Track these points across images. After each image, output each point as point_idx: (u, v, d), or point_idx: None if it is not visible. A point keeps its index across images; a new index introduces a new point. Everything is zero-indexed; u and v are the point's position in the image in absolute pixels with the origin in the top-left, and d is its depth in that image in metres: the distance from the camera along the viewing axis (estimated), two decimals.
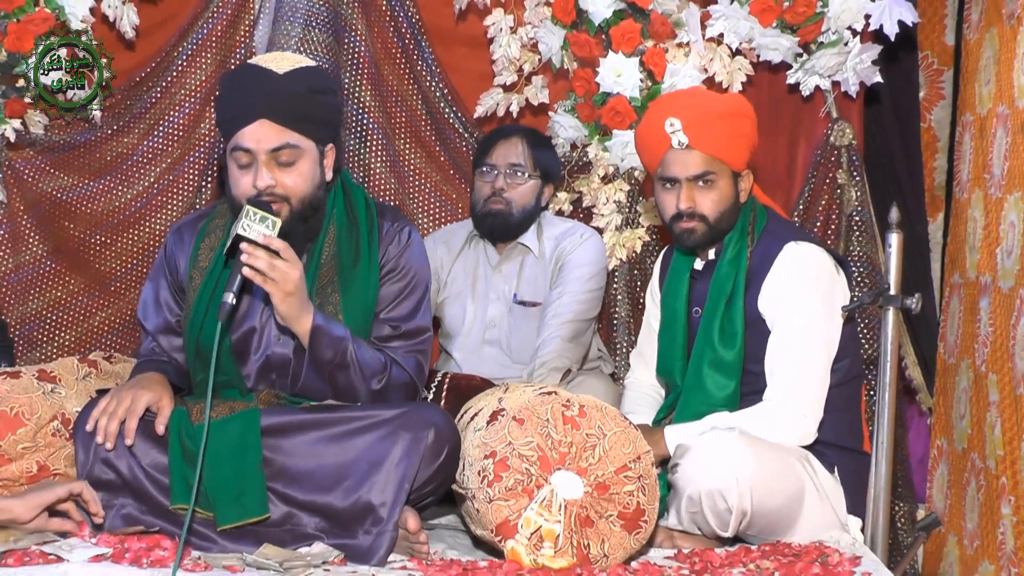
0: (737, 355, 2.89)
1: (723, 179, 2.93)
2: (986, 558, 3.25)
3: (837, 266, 2.97)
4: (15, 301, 3.88)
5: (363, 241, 2.76)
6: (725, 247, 2.97)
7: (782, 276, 2.88)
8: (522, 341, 3.54)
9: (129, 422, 2.55)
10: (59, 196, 3.90)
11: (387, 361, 2.70)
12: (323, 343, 2.60)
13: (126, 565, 2.32)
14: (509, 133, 3.63)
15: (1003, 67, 3.32)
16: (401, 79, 3.97)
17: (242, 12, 3.92)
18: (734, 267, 2.93)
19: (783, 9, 3.54)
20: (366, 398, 2.67)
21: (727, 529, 2.67)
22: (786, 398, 2.83)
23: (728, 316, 2.91)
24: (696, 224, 2.93)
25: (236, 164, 2.64)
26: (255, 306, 2.73)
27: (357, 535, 2.53)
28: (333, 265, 2.73)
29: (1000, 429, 3.18)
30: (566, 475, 2.45)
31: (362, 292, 2.73)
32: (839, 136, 3.65)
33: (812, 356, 2.85)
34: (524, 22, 3.80)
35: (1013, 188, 3.20)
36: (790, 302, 2.87)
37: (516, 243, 3.61)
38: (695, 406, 2.91)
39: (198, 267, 2.75)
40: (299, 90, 2.63)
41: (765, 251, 2.93)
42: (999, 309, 3.25)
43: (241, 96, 2.64)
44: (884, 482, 2.85)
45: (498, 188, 3.54)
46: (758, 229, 2.98)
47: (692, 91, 3.31)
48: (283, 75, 2.63)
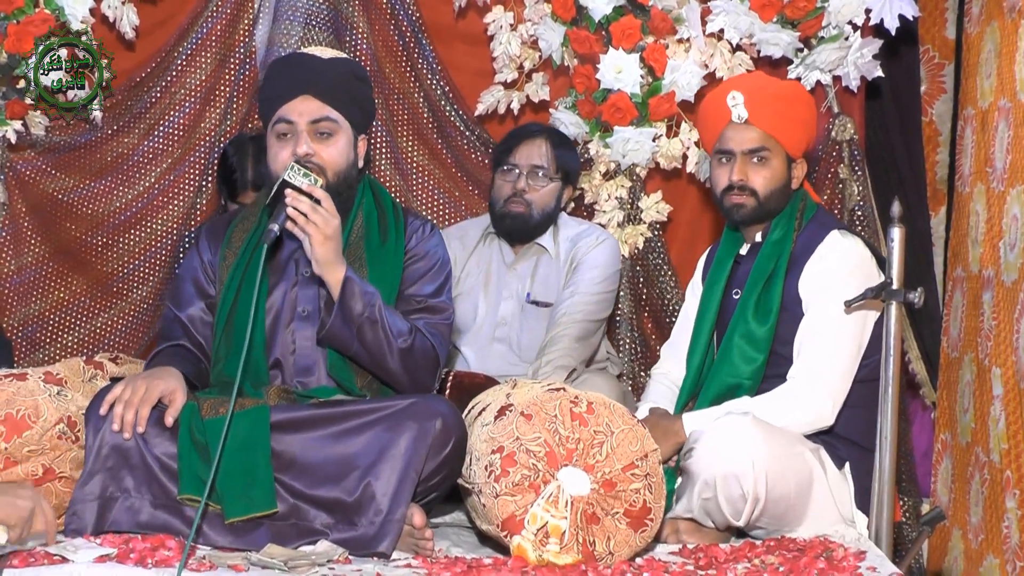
0: (768, 331, 2.94)
1: (777, 159, 3.02)
2: (991, 552, 3.25)
3: (878, 266, 2.99)
4: (18, 303, 3.90)
5: (391, 227, 2.89)
6: (772, 229, 3.04)
7: (824, 262, 2.95)
8: (532, 340, 3.54)
9: (142, 410, 2.56)
10: (60, 197, 3.91)
11: (412, 327, 2.76)
12: (355, 294, 2.68)
13: (131, 565, 2.31)
14: (533, 133, 3.61)
15: (1004, 61, 3.34)
16: (402, 77, 3.98)
17: (241, 11, 3.93)
18: (778, 249, 3.00)
19: (783, 4, 3.58)
20: (395, 358, 2.72)
21: (739, 517, 2.69)
22: (809, 377, 2.87)
23: (766, 294, 2.98)
24: (746, 199, 3.02)
25: (276, 137, 2.79)
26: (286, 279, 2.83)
27: (362, 524, 2.54)
28: (361, 244, 2.84)
29: (1004, 423, 3.18)
30: (573, 471, 2.45)
31: (389, 269, 2.83)
32: (840, 131, 3.68)
33: (841, 343, 2.90)
34: (524, 19, 3.82)
35: (1015, 182, 3.21)
36: (828, 288, 2.91)
37: (533, 243, 3.62)
38: (722, 377, 2.97)
39: (231, 247, 2.86)
40: (341, 72, 2.82)
41: (810, 237, 3.00)
42: (1002, 303, 3.26)
43: (287, 75, 2.82)
44: (888, 477, 2.83)
45: (519, 189, 3.53)
46: (806, 217, 3.05)
47: (756, 73, 3.44)
48: (327, 59, 2.85)
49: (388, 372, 2.76)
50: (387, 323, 2.71)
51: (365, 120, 2.90)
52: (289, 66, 2.87)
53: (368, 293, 2.70)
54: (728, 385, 2.96)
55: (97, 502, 2.54)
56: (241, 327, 2.68)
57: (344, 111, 2.80)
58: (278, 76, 2.86)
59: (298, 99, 2.77)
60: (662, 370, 3.31)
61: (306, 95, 2.77)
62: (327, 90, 2.78)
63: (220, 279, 2.86)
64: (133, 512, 2.55)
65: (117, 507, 2.54)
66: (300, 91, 2.77)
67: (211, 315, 2.86)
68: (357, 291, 2.69)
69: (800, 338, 2.93)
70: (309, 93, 2.77)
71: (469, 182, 3.98)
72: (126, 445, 2.55)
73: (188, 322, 2.86)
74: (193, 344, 2.85)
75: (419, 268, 2.87)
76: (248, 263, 2.80)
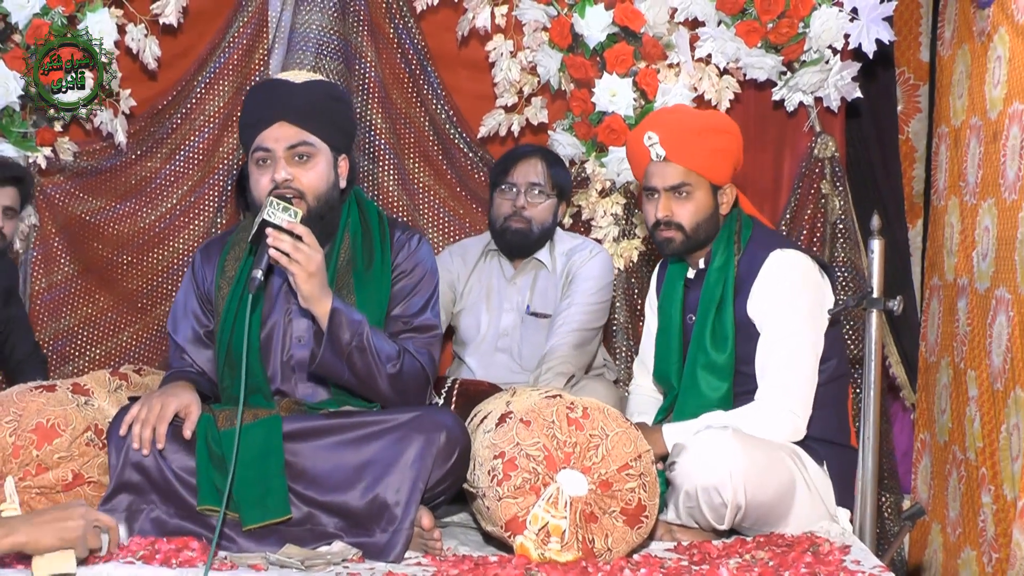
0: (728, 358, 2.94)
1: (700, 191, 2.98)
2: (968, 544, 3.29)
3: (821, 271, 3.01)
4: (48, 318, 3.95)
5: (376, 247, 2.84)
6: (713, 256, 3.01)
7: (769, 282, 2.93)
8: (532, 349, 3.57)
9: (159, 427, 2.58)
10: (88, 218, 3.98)
11: (400, 350, 2.73)
12: (342, 324, 2.63)
13: (156, 566, 2.36)
14: (528, 153, 3.61)
15: (975, 81, 3.39)
16: (409, 102, 4.03)
17: (257, 42, 3.98)
18: (722, 275, 2.98)
19: (767, 30, 3.59)
20: (384, 382, 2.70)
21: (723, 522, 2.72)
22: (776, 397, 2.87)
23: (719, 321, 2.96)
24: (674, 233, 3.00)
25: (255, 164, 2.74)
26: (278, 308, 2.81)
27: (374, 533, 2.55)
28: (349, 269, 2.81)
29: (979, 423, 3.22)
30: (571, 474, 2.48)
31: (376, 293, 2.80)
32: (822, 149, 3.72)
33: (800, 357, 2.90)
34: (523, 47, 3.85)
35: (987, 195, 3.26)
36: (778, 306, 2.91)
37: (531, 258, 3.63)
38: (691, 407, 2.96)
39: (225, 277, 2.83)
40: (315, 96, 2.77)
41: (752, 259, 2.97)
42: (976, 309, 3.31)
43: (263, 103, 2.77)
44: (871, 475, 2.88)
45: (519, 207, 3.55)
46: (744, 238, 3.02)
47: (675, 108, 3.31)
48: (300, 84, 2.78)
49: (379, 395, 2.74)
50: (375, 350, 2.67)
51: (345, 140, 2.84)
52: (264, 93, 2.81)
53: (355, 322, 2.65)
54: (699, 414, 2.93)
55: (124, 514, 2.58)
56: (239, 360, 2.63)
57: (321, 134, 2.74)
58: (254, 103, 2.80)
59: (275, 126, 2.72)
60: (636, 383, 3.34)
61: (282, 121, 2.71)
62: (302, 115, 2.72)
63: (216, 310, 2.84)
64: (158, 523, 2.59)
65: (142, 519, 2.59)
66: (276, 118, 2.72)
67: (211, 341, 2.85)
68: (344, 321, 2.64)
69: (761, 360, 2.92)
70: (285, 119, 2.72)
71: (472, 200, 4.02)
72: (146, 463, 2.59)
73: (188, 351, 2.87)
74: (197, 370, 2.87)
75: (406, 285, 2.84)
76: (240, 300, 2.75)
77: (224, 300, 2.81)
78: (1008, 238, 3.08)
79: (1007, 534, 2.99)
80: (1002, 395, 3.08)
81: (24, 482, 2.58)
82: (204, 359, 2.87)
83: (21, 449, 2.58)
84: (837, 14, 3.58)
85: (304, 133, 2.73)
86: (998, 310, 3.13)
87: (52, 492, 2.60)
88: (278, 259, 2.59)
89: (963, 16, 3.51)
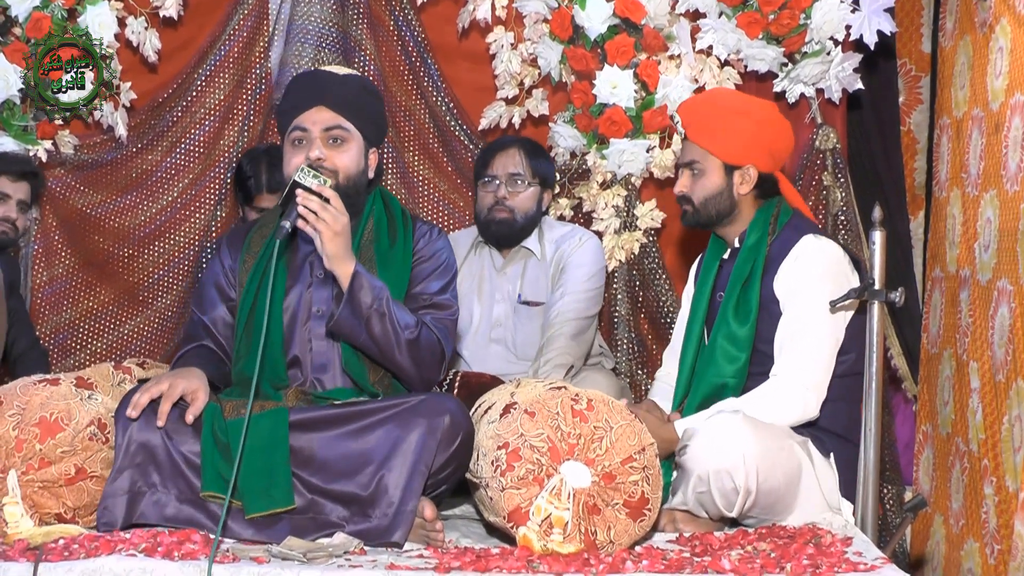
0: (749, 331, 2.99)
1: (711, 168, 3.09)
2: (971, 536, 3.29)
3: (852, 266, 3.04)
4: (50, 312, 3.96)
5: (399, 231, 2.95)
6: (748, 234, 3.09)
7: (798, 263, 2.99)
8: (526, 338, 3.60)
9: (163, 405, 2.62)
10: (89, 212, 3.98)
11: (418, 320, 2.81)
12: (363, 287, 2.72)
13: (159, 559, 2.36)
14: (506, 144, 3.67)
15: (977, 72, 3.38)
16: (409, 94, 4.03)
17: (257, 35, 3.99)
18: (754, 253, 3.05)
19: (768, 22, 3.60)
20: (402, 349, 2.77)
21: (732, 509, 2.74)
22: (792, 373, 2.92)
23: (744, 296, 3.02)
24: (686, 206, 3.15)
25: (291, 144, 2.86)
26: (301, 280, 2.89)
27: (376, 516, 2.58)
28: (371, 248, 2.90)
29: (982, 414, 3.22)
30: (575, 465, 2.49)
31: (397, 270, 2.88)
32: (824, 140, 3.71)
33: (819, 339, 2.94)
34: (524, 38, 3.85)
35: (988, 186, 3.26)
36: (803, 287, 2.96)
37: (519, 247, 3.67)
38: (708, 377, 3.02)
39: (251, 252, 2.93)
40: (354, 86, 2.91)
41: (785, 241, 3.03)
42: (978, 301, 3.31)
43: (303, 89, 2.90)
44: (873, 466, 2.88)
45: (501, 197, 3.60)
46: (780, 223, 3.08)
47: (714, 91, 3.53)
48: (341, 76, 2.93)
49: (395, 363, 2.80)
50: (394, 316, 2.75)
51: (377, 134, 2.96)
52: (306, 80, 2.95)
53: (376, 287, 2.74)
54: (714, 385, 3.00)
55: (126, 496, 2.60)
56: (259, 326, 2.71)
57: (356, 122, 2.86)
58: (296, 90, 2.92)
59: (313, 109, 2.83)
60: (664, 372, 3.36)
61: (320, 106, 2.83)
62: (340, 102, 2.84)
63: (240, 282, 2.91)
64: (160, 506, 2.61)
65: (145, 501, 2.61)
66: (315, 102, 2.84)
67: (233, 317, 2.91)
68: (366, 284, 2.72)
69: (780, 336, 2.97)
70: (323, 104, 2.83)
71: (471, 193, 3.94)
72: (153, 442, 2.61)
73: (211, 324, 2.91)
74: (216, 345, 2.90)
75: (426, 268, 2.92)
76: (266, 265, 2.83)
77: (248, 272, 2.90)
78: (1010, 229, 3.08)
79: (1009, 525, 2.99)
80: (1004, 387, 3.08)
81: (27, 476, 2.58)
82: (227, 335, 2.92)
83: (24, 443, 2.58)
84: (838, 5, 3.58)
85: (340, 118, 2.84)
86: (1000, 301, 3.13)
87: (55, 486, 2.59)
88: (306, 216, 2.68)
89: (965, 7, 3.51)
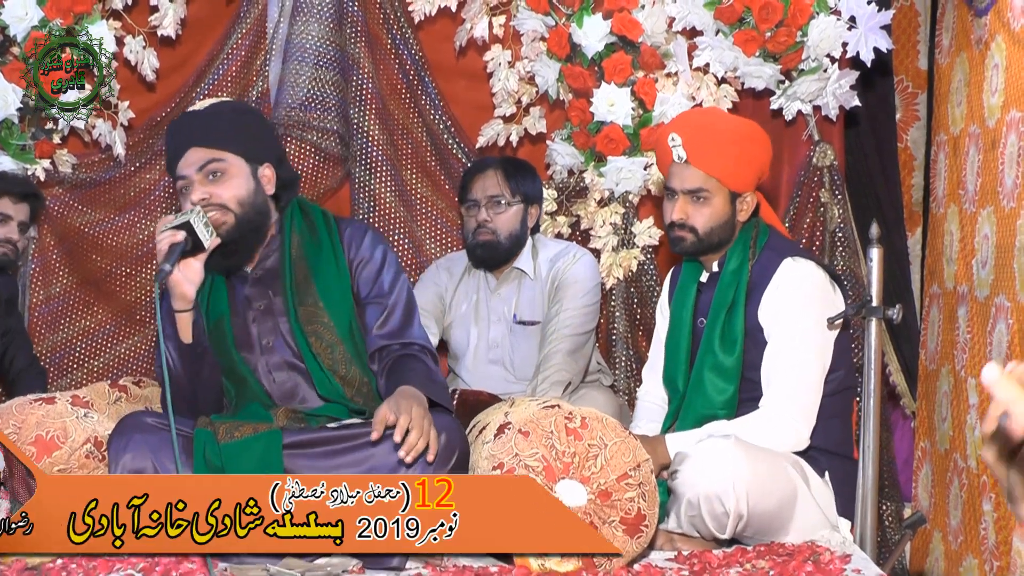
0: (736, 361, 2.94)
1: (718, 197, 2.99)
2: (970, 552, 3.29)
3: (832, 283, 3.01)
4: (47, 330, 3.96)
5: (323, 237, 2.92)
6: (728, 260, 3.02)
7: (780, 290, 2.94)
8: (523, 358, 3.61)
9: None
10: (87, 230, 3.98)
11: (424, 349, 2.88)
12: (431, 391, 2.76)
13: None
14: (485, 166, 3.66)
15: (973, 89, 3.38)
16: (406, 112, 4.02)
17: (255, 53, 3.99)
18: (735, 279, 2.99)
19: (765, 39, 3.59)
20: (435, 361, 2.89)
21: (724, 531, 2.72)
22: (781, 406, 2.88)
23: (729, 324, 2.97)
24: (686, 234, 3.02)
25: (181, 194, 2.85)
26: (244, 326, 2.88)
27: None
28: (304, 264, 2.88)
29: (980, 431, 3.11)
30: (570, 484, 2.50)
31: (334, 276, 2.87)
32: (821, 157, 3.71)
33: (806, 366, 2.91)
34: (521, 56, 3.84)
35: (986, 203, 3.26)
36: (787, 314, 2.92)
37: (512, 267, 3.66)
38: (697, 408, 2.98)
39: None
40: (219, 116, 2.87)
41: (765, 265, 2.98)
42: (976, 317, 3.31)
43: (174, 137, 2.89)
44: (871, 483, 2.89)
45: (482, 220, 3.59)
46: (759, 245, 3.02)
47: (705, 111, 3.33)
48: (203, 110, 2.89)
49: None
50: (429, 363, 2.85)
51: (263, 150, 2.91)
52: (173, 128, 2.93)
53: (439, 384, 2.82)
54: (703, 416, 2.96)
55: None
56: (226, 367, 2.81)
57: (232, 147, 2.83)
58: (168, 141, 2.92)
59: (187, 153, 2.82)
60: (645, 389, 3.33)
61: (191, 147, 2.82)
62: (208, 136, 2.82)
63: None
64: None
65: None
66: (186, 146, 2.82)
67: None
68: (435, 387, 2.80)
69: (767, 368, 2.93)
70: (193, 144, 2.82)
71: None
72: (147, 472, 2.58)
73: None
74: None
75: (370, 271, 2.91)
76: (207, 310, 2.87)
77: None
78: (1007, 245, 3.09)
79: (1008, 542, 2.99)
80: None
81: None
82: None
83: None
84: (835, 23, 3.58)
85: (213, 152, 2.82)
86: (998, 318, 3.13)
87: None
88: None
89: (961, 24, 3.52)
